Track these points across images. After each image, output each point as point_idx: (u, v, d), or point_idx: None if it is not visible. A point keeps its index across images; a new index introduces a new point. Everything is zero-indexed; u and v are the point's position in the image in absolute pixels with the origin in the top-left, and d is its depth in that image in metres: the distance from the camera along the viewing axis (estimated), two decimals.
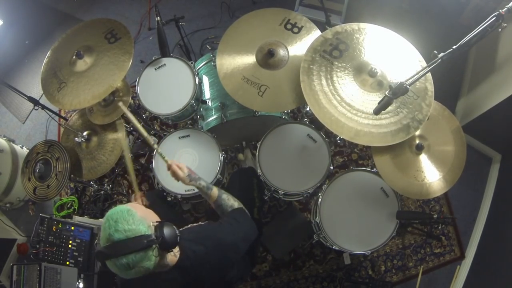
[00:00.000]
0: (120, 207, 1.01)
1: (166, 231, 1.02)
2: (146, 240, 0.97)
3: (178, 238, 1.07)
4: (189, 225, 1.34)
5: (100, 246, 0.99)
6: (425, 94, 1.51)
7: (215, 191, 1.37)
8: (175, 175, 1.37)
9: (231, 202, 1.36)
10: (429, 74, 1.52)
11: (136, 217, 0.99)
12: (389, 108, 1.37)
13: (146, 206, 1.47)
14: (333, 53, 1.58)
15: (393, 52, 1.59)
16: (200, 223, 1.36)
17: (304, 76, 1.55)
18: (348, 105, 1.50)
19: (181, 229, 1.28)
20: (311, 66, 1.56)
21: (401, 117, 1.49)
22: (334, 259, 2.31)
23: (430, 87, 1.52)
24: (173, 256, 1.11)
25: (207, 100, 2.02)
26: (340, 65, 1.57)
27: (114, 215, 0.98)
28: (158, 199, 1.86)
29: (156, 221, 1.06)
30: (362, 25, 1.64)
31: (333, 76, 1.55)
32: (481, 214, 2.37)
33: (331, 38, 1.61)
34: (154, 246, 0.98)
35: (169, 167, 1.38)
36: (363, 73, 1.54)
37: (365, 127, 1.47)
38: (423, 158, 1.65)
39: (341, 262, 2.29)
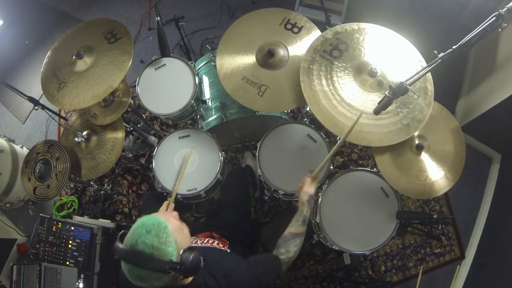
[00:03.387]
0: (158, 219, 0.97)
1: (192, 260, 0.98)
2: (169, 266, 0.93)
3: (199, 270, 1.03)
4: (213, 244, 1.30)
5: (124, 242, 0.95)
6: (425, 94, 1.51)
7: (305, 229, 1.38)
8: (309, 187, 1.43)
9: (294, 249, 1.33)
10: (429, 74, 1.52)
11: (170, 237, 0.95)
12: (389, 108, 1.37)
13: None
14: (333, 53, 1.58)
15: (393, 52, 1.58)
16: (227, 249, 1.31)
17: (304, 76, 1.55)
18: (348, 105, 1.50)
19: (199, 244, 1.26)
20: (311, 66, 1.56)
21: (401, 117, 1.49)
22: (334, 259, 2.31)
23: (430, 87, 1.52)
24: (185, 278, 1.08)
25: (207, 100, 2.02)
26: (340, 65, 1.56)
27: (149, 225, 0.95)
28: (154, 201, 1.84)
29: (187, 247, 1.02)
30: (362, 25, 1.64)
31: (333, 76, 1.55)
32: (481, 214, 2.37)
33: (331, 38, 1.61)
34: (172, 273, 0.95)
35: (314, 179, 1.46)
36: (363, 73, 1.54)
37: (365, 127, 1.47)
38: (424, 157, 1.65)
39: (341, 262, 2.29)
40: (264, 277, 1.19)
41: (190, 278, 1.09)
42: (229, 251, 1.31)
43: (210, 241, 1.35)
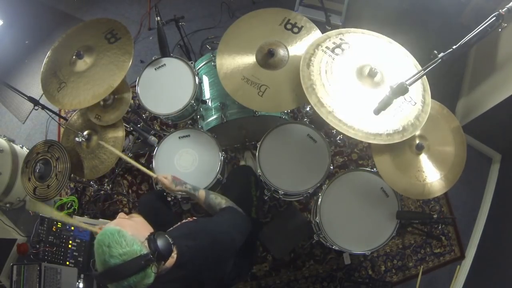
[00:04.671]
0: (109, 229, 0.98)
1: (160, 243, 1.02)
2: (143, 260, 0.96)
3: (172, 246, 1.07)
4: (179, 223, 1.35)
5: (97, 270, 0.97)
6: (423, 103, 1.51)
7: (202, 192, 1.43)
8: (163, 186, 1.46)
9: (219, 200, 1.40)
10: (426, 84, 1.51)
11: (128, 237, 0.97)
12: (389, 108, 1.37)
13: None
14: (335, 51, 1.58)
15: (393, 61, 1.59)
16: (189, 219, 1.37)
17: (304, 67, 1.54)
18: (346, 102, 1.50)
19: (171, 228, 1.29)
20: (312, 59, 1.56)
21: (399, 117, 1.49)
22: (334, 259, 2.31)
23: (428, 97, 1.52)
24: (171, 258, 1.11)
25: (207, 100, 2.02)
26: (341, 62, 1.56)
27: (106, 239, 0.96)
28: (154, 202, 1.85)
29: (148, 235, 1.04)
30: (368, 32, 1.64)
31: (333, 71, 1.54)
32: (481, 214, 2.37)
33: (334, 37, 1.61)
34: (151, 264, 0.98)
35: (155, 180, 1.48)
36: (364, 72, 1.54)
37: (363, 126, 1.47)
38: (424, 158, 1.65)
39: (341, 262, 2.29)
40: (237, 222, 1.30)
41: (175, 256, 1.11)
42: (196, 218, 1.37)
43: (181, 222, 1.39)
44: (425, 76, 1.52)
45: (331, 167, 1.77)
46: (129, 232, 0.99)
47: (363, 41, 1.62)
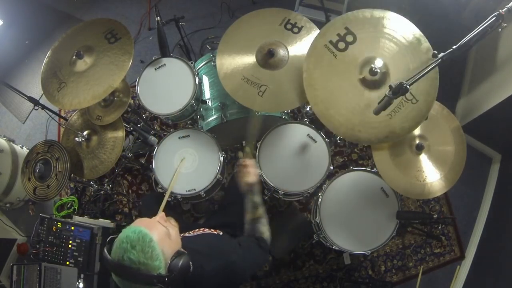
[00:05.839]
0: (143, 231, 0.94)
1: (181, 267, 0.98)
2: (156, 279, 0.92)
3: (190, 273, 1.03)
4: (205, 230, 1.30)
5: (111, 254, 0.95)
6: (426, 98, 1.49)
7: (260, 211, 1.35)
8: (245, 174, 1.36)
9: (264, 228, 1.33)
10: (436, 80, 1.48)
11: (156, 250, 0.94)
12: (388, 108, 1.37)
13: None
14: (338, 45, 1.56)
15: (402, 44, 1.54)
16: (219, 232, 1.31)
17: (307, 64, 1.53)
18: (345, 100, 1.49)
19: (193, 234, 1.27)
20: (313, 56, 1.55)
21: (397, 119, 1.48)
22: (334, 259, 2.31)
23: (433, 91, 1.49)
24: None
25: (207, 100, 2.02)
26: (342, 59, 1.55)
27: (134, 240, 0.92)
28: (153, 202, 1.83)
29: (174, 253, 1.00)
30: (376, 12, 1.58)
31: (334, 69, 1.54)
32: (481, 214, 2.37)
33: (340, 27, 1.57)
34: (160, 286, 0.94)
35: (245, 165, 1.37)
36: (364, 71, 1.54)
37: (360, 125, 1.47)
38: (424, 158, 1.65)
39: (341, 262, 2.29)
40: (258, 262, 1.24)
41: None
42: (221, 233, 1.31)
43: (202, 229, 1.36)
44: (437, 78, 1.49)
45: (331, 167, 1.77)
46: (159, 245, 0.95)
47: (368, 32, 1.56)
